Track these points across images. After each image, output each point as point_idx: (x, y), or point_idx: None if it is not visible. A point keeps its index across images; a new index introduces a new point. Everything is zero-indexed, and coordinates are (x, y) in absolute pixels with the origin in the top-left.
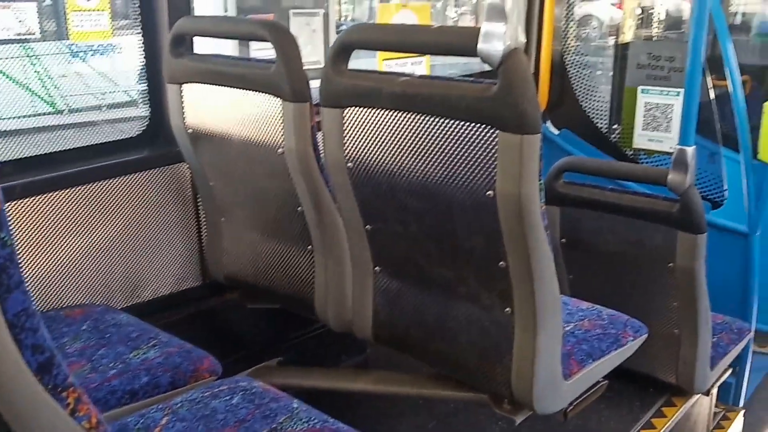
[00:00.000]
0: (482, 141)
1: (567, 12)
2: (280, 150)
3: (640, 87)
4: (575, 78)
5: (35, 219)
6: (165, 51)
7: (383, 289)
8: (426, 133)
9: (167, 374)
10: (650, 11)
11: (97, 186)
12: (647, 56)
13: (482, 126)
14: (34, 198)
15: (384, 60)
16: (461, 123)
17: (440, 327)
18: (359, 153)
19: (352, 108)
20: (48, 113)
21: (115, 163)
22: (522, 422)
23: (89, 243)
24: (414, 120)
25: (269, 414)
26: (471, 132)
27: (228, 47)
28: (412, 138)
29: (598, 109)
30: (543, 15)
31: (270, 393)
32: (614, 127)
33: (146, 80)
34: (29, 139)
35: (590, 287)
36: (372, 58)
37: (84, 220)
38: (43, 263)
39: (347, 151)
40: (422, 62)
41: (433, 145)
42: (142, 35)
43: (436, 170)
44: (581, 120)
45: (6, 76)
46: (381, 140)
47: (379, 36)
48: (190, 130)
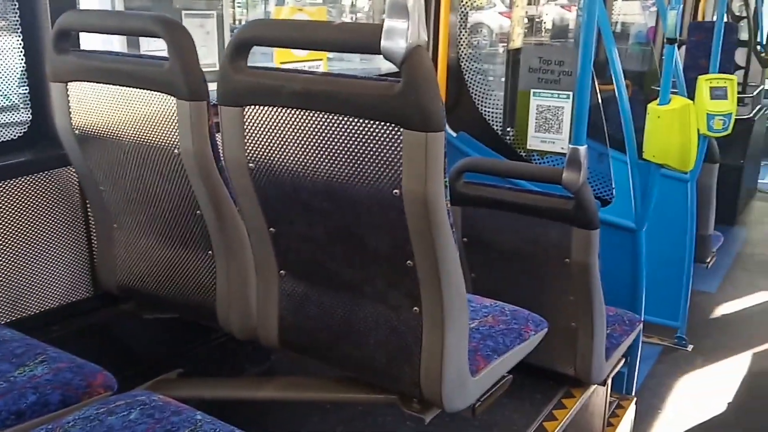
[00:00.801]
0: (387, 139)
1: (460, 20)
2: (177, 151)
3: (532, 90)
4: (471, 83)
5: None
6: (48, 48)
7: (289, 293)
8: (330, 132)
9: (57, 392)
10: (537, 20)
11: None
12: (538, 61)
13: (386, 124)
14: None
15: (280, 63)
16: (365, 121)
17: (348, 329)
18: (261, 153)
19: (253, 107)
20: None
21: None
22: (431, 421)
23: None
24: (317, 118)
25: (171, 428)
26: (375, 130)
27: (116, 44)
28: (316, 137)
29: (493, 113)
30: (438, 22)
31: (171, 406)
32: (509, 130)
33: (27, 78)
34: None
35: (492, 284)
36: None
37: None
38: None
39: (248, 152)
40: (320, 66)
41: (338, 144)
42: (21, 31)
43: (341, 169)
44: (478, 123)
45: None
46: (283, 139)
47: (280, 32)
48: (77, 132)
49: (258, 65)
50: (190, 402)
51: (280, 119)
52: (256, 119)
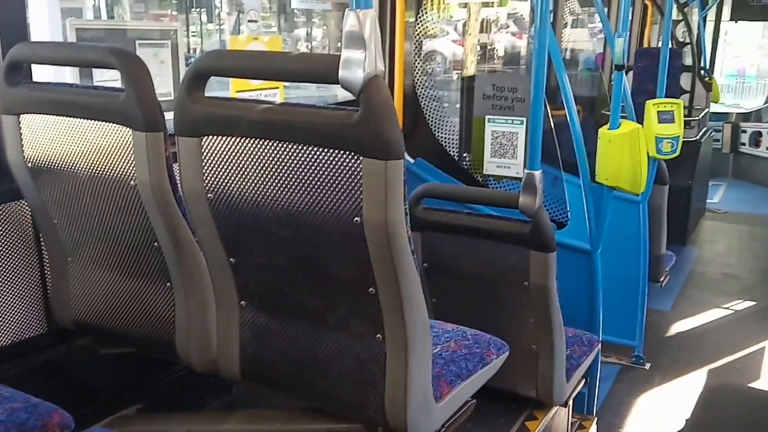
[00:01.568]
0: (347, 168)
1: (415, 48)
2: (133, 183)
3: (487, 116)
4: (427, 110)
5: None
6: None
7: (250, 324)
8: (289, 161)
9: None
10: (489, 48)
11: None
12: (492, 88)
13: (346, 153)
14: None
15: (237, 92)
16: (325, 150)
17: (311, 358)
18: (220, 183)
19: (211, 137)
20: None
21: None
22: None
23: None
24: (276, 148)
25: None
26: (335, 159)
27: (68, 76)
28: (275, 166)
29: (450, 139)
30: (394, 50)
31: None
32: (465, 155)
33: None
34: None
35: (453, 309)
36: (225, 91)
37: None
38: None
39: (207, 182)
40: (276, 95)
41: (297, 173)
42: None
43: (302, 198)
44: (435, 149)
45: None
46: (243, 169)
47: (237, 62)
48: (30, 165)
49: (215, 95)
50: None
51: (239, 149)
52: (215, 149)
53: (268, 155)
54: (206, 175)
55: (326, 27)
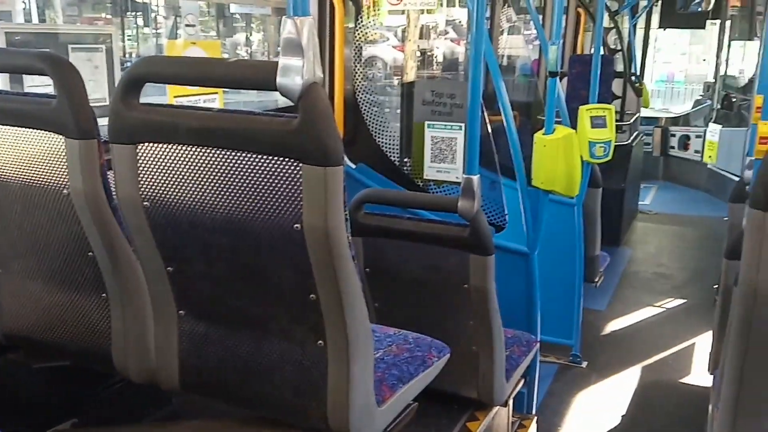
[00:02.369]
0: (286, 174)
1: (355, 54)
2: (66, 191)
3: (427, 122)
4: (368, 115)
5: None
6: None
7: (189, 334)
8: (228, 168)
9: None
10: (429, 54)
11: None
12: (431, 94)
13: (285, 159)
14: None
15: (175, 97)
16: (264, 157)
17: (252, 367)
18: (157, 191)
19: (147, 144)
20: None
21: None
22: None
23: None
24: (214, 155)
25: None
26: (274, 166)
27: None
28: (214, 173)
29: (391, 144)
30: (334, 55)
31: None
32: (406, 161)
33: None
34: None
35: (395, 313)
36: (162, 96)
37: None
38: None
39: (143, 190)
40: (216, 100)
41: (236, 180)
42: None
43: (241, 205)
44: (376, 154)
45: None
46: (180, 177)
47: (173, 69)
48: None
49: (151, 102)
50: None
51: (176, 156)
52: (151, 157)
53: (206, 162)
54: (142, 183)
55: (265, 32)
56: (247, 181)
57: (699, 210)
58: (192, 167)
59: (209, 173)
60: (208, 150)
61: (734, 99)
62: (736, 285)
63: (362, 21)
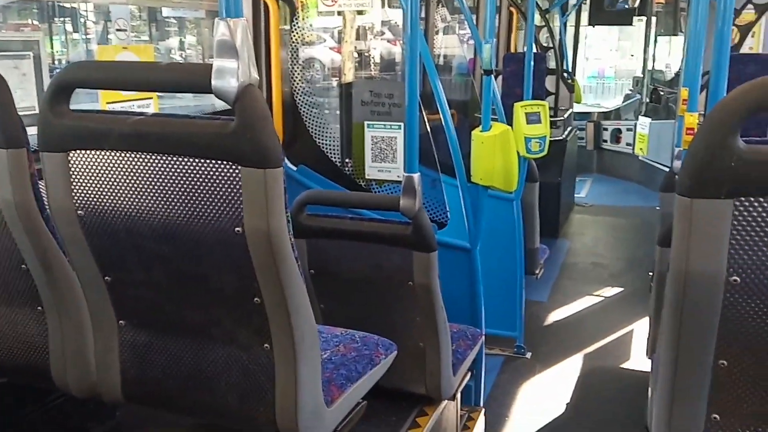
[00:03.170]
0: (225, 178)
1: (292, 55)
2: None
3: (366, 122)
4: (307, 117)
5: None
6: None
7: (130, 344)
8: (164, 174)
9: None
10: (366, 55)
11: None
12: (370, 94)
13: (223, 163)
14: None
15: (107, 104)
16: (201, 161)
17: (197, 374)
18: (91, 199)
19: (79, 151)
20: None
21: None
22: None
23: None
24: (150, 160)
25: None
26: (212, 169)
27: None
28: (150, 179)
29: (331, 145)
30: (270, 58)
31: None
32: (347, 161)
33: None
34: None
35: (341, 313)
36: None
37: None
38: None
39: (76, 199)
40: (150, 105)
41: (174, 186)
42: None
43: (179, 211)
44: (317, 156)
45: None
46: (115, 184)
47: (104, 74)
48: None
49: (82, 108)
50: None
51: (110, 163)
52: (84, 164)
53: (142, 168)
54: (75, 192)
55: (200, 35)
56: (185, 186)
57: (632, 201)
58: (127, 173)
59: (145, 179)
60: (143, 155)
61: (662, 92)
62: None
63: (298, 23)
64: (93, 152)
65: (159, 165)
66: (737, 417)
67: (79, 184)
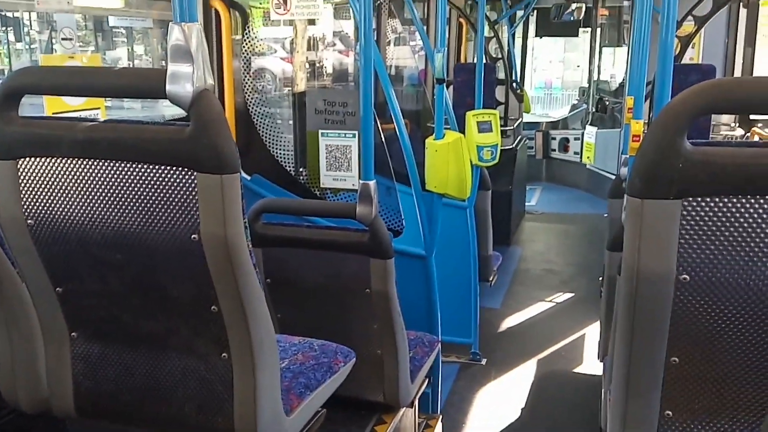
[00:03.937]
0: (181, 184)
1: (244, 65)
2: None
3: (320, 131)
4: (260, 126)
5: None
6: None
7: (83, 356)
8: (118, 181)
9: None
10: (318, 65)
11: None
12: (323, 103)
13: (179, 169)
14: None
15: (53, 113)
16: (156, 167)
17: (153, 386)
18: (41, 208)
19: (28, 159)
20: None
21: None
22: None
23: None
24: (103, 167)
25: None
26: (167, 176)
27: None
28: (103, 187)
29: (285, 154)
30: (222, 68)
31: None
32: (302, 170)
33: None
34: None
35: (299, 322)
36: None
37: None
38: None
39: (26, 207)
40: (98, 114)
41: (127, 193)
42: None
43: (133, 219)
44: (271, 165)
45: None
46: (66, 192)
47: (54, 79)
48: None
49: (32, 115)
50: None
51: (61, 171)
52: (33, 172)
53: (94, 175)
54: (25, 200)
55: (148, 45)
56: (139, 193)
57: (580, 208)
58: (79, 181)
59: (98, 187)
60: (96, 162)
61: (607, 102)
62: (620, 274)
63: (249, 33)
64: (44, 159)
65: (112, 172)
66: (689, 413)
67: (29, 193)
